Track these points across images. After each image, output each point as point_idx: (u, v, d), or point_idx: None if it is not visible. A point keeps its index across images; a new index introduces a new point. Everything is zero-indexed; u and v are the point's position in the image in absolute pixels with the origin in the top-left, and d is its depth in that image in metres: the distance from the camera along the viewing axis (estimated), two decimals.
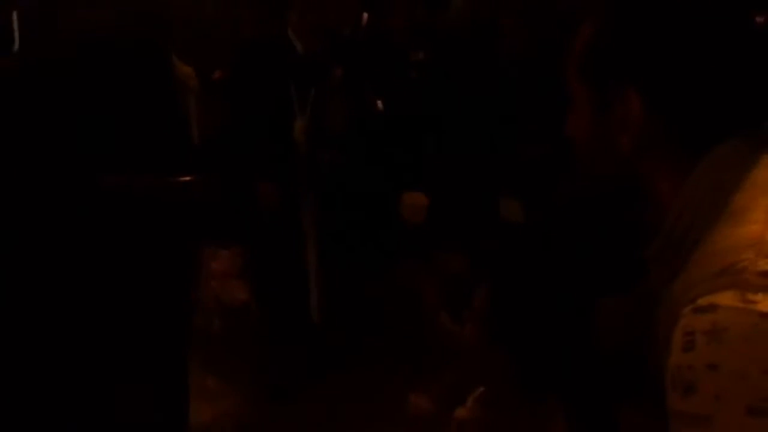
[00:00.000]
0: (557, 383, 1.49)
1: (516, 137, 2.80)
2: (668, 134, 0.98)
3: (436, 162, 3.32)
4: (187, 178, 2.70)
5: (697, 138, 0.96)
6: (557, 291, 2.29)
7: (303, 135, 3.77)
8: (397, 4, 3.94)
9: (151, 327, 2.73)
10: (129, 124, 2.54)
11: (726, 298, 0.85)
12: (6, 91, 2.46)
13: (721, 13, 0.97)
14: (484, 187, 2.99)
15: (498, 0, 2.83)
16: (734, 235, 0.89)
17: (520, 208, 2.81)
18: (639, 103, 0.97)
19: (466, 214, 3.10)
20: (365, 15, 4.31)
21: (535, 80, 2.56)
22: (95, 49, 2.51)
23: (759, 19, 0.99)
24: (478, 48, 3.00)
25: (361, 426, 3.20)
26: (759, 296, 0.83)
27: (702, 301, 0.86)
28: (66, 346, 2.50)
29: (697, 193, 0.95)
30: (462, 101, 3.14)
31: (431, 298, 3.31)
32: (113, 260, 2.54)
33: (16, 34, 2.62)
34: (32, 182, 2.43)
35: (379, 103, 4.03)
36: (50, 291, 2.45)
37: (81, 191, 2.48)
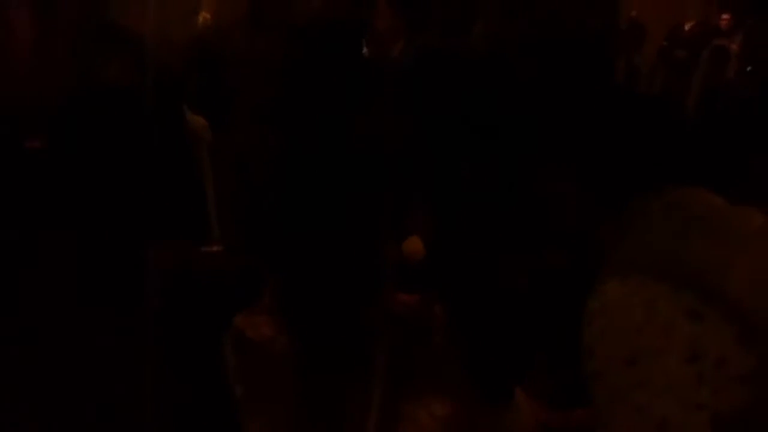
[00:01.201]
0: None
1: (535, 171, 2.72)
2: (596, 200, 1.41)
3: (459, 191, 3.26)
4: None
5: (615, 200, 1.38)
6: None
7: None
8: (432, 29, 3.78)
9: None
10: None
11: (610, 284, 1.24)
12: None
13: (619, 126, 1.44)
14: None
15: (514, 32, 2.76)
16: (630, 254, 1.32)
17: None
18: (573, 181, 1.44)
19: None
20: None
21: (548, 114, 2.48)
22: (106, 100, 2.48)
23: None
24: (496, 78, 2.93)
25: None
26: (628, 281, 1.23)
27: (598, 288, 1.26)
28: None
29: (623, 235, 1.34)
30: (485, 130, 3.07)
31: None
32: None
33: None
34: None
35: None
36: None
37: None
